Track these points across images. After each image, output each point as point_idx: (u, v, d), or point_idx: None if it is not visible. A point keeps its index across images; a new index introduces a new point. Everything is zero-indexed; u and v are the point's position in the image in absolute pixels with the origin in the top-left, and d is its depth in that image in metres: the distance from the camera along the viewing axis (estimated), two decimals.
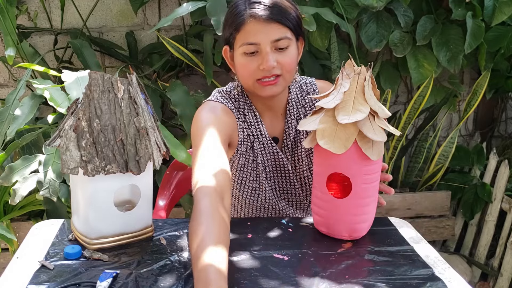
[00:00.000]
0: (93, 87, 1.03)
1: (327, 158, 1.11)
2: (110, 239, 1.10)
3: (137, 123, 1.06)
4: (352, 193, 1.12)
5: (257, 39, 1.20)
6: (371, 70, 1.11)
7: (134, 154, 1.06)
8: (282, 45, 1.21)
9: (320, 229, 1.19)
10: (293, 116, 1.35)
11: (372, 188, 1.14)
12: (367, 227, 1.19)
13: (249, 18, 1.19)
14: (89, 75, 1.03)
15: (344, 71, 1.11)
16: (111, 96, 1.05)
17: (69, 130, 1.03)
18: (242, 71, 1.25)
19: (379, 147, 1.10)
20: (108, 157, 1.04)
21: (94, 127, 1.03)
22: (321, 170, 1.15)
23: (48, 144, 1.07)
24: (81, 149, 1.02)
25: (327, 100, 1.12)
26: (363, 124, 1.07)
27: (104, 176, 1.04)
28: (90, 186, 1.05)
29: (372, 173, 1.12)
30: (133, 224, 1.12)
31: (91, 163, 1.02)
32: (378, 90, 1.13)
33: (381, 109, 1.10)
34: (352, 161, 1.09)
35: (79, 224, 1.11)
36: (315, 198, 1.19)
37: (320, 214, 1.18)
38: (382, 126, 1.09)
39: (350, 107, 1.08)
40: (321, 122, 1.10)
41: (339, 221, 1.15)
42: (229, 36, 1.25)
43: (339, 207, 1.14)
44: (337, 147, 1.07)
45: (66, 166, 1.02)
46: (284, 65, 1.22)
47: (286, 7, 1.22)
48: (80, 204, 1.09)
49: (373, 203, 1.17)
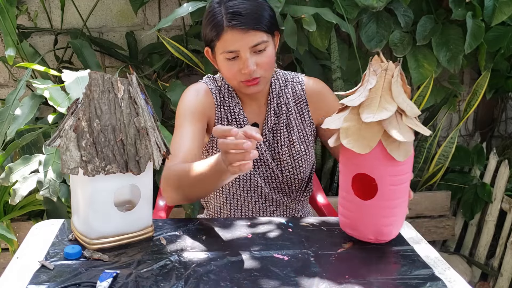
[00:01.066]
0: (93, 87, 1.03)
1: (352, 158, 1.08)
2: (110, 239, 1.10)
3: (137, 123, 1.06)
4: (378, 194, 1.07)
5: (236, 47, 1.28)
6: (399, 66, 1.05)
7: (134, 154, 1.06)
8: (260, 48, 1.29)
9: (346, 230, 1.16)
10: (274, 103, 1.43)
11: (401, 190, 1.09)
12: (396, 230, 1.14)
13: (227, 28, 1.27)
14: (89, 75, 1.03)
15: (371, 67, 1.07)
16: (111, 96, 1.05)
17: (69, 130, 1.03)
18: (226, 73, 1.34)
19: (406, 147, 1.05)
20: (108, 157, 1.04)
21: (94, 127, 1.03)
22: (346, 170, 1.11)
23: (48, 144, 1.07)
24: (81, 149, 1.02)
25: (352, 97, 1.08)
26: (388, 123, 1.03)
27: (104, 176, 1.04)
28: (90, 186, 1.05)
29: (399, 174, 1.07)
30: (133, 224, 1.12)
31: (91, 163, 1.02)
32: (409, 87, 1.08)
33: (410, 107, 1.05)
34: (377, 161, 1.05)
35: (79, 224, 1.11)
36: (341, 198, 1.15)
37: (346, 215, 1.14)
38: (410, 125, 1.04)
39: (376, 105, 1.04)
40: (346, 121, 1.06)
41: (365, 223, 1.11)
42: (210, 42, 1.33)
43: (365, 208, 1.09)
44: (361, 146, 1.03)
45: (66, 166, 1.02)
46: (263, 65, 1.31)
47: (260, 11, 1.29)
48: (80, 204, 1.09)
49: (402, 205, 1.11)
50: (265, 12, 1.30)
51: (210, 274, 1.01)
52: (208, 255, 1.09)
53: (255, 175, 1.43)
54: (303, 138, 1.45)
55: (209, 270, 1.03)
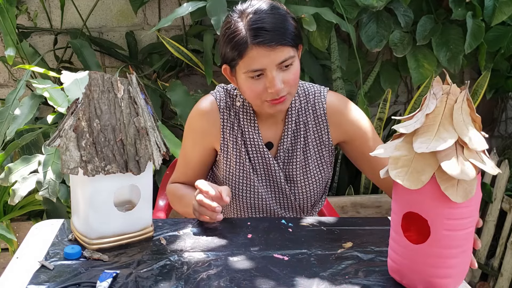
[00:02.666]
0: (93, 87, 1.03)
1: (403, 193, 0.94)
2: (110, 239, 1.10)
3: (137, 123, 1.06)
4: (431, 239, 0.92)
5: (262, 65, 1.19)
6: (466, 90, 0.90)
7: (134, 154, 1.06)
8: (287, 64, 1.21)
9: (393, 276, 1.02)
10: (292, 123, 1.34)
11: (459, 237, 0.92)
12: (453, 284, 0.97)
13: (252, 46, 1.18)
14: (89, 75, 1.03)
15: (431, 90, 0.92)
16: (111, 96, 1.05)
17: (69, 130, 1.02)
18: (249, 93, 1.24)
19: (466, 186, 0.88)
20: (108, 157, 1.04)
21: (94, 127, 1.03)
22: (397, 208, 0.97)
23: (48, 144, 1.07)
24: (81, 149, 1.02)
25: (408, 123, 0.94)
26: (445, 155, 0.87)
27: (104, 176, 1.04)
28: (90, 186, 1.05)
29: (458, 218, 0.90)
30: (133, 224, 1.12)
31: (91, 163, 1.02)
32: (479, 116, 0.91)
33: (474, 139, 0.88)
34: (430, 200, 0.90)
35: (79, 224, 1.11)
36: (390, 239, 1.01)
37: (394, 259, 1.00)
38: (473, 161, 0.88)
39: (433, 133, 0.89)
40: (397, 149, 0.93)
41: (414, 270, 0.96)
42: (231, 61, 1.23)
43: (415, 254, 0.95)
44: (411, 181, 0.89)
45: (66, 166, 1.02)
46: (290, 82, 1.22)
47: (286, 26, 1.20)
48: (80, 204, 1.09)
49: (462, 255, 0.94)
50: (290, 25, 1.21)
51: (210, 274, 1.01)
52: (208, 255, 1.09)
53: (267, 196, 1.37)
54: (319, 160, 1.37)
55: (209, 270, 1.03)
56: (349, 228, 1.23)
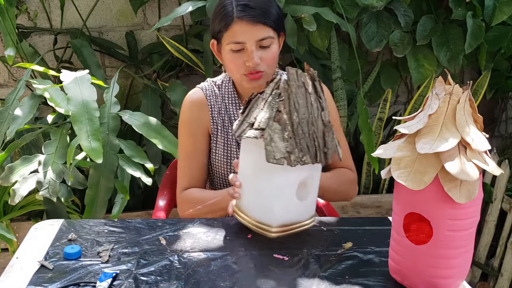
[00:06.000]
0: (291, 82, 1.09)
1: (405, 194, 0.94)
2: (288, 227, 1.14)
3: (323, 117, 1.12)
4: (433, 240, 0.92)
5: (243, 39, 1.31)
6: (468, 90, 0.90)
7: (322, 146, 1.12)
8: (266, 44, 1.33)
9: (395, 277, 1.02)
10: None
11: (462, 238, 0.93)
12: (454, 284, 0.97)
13: (236, 20, 1.31)
14: (287, 70, 1.09)
15: (433, 90, 0.92)
16: (303, 91, 1.10)
17: (273, 122, 1.07)
18: (230, 65, 1.37)
19: (468, 187, 0.88)
20: (304, 148, 1.09)
21: (294, 119, 1.08)
22: (398, 208, 0.97)
23: (238, 135, 1.11)
24: (284, 140, 1.07)
25: (410, 123, 0.94)
26: (448, 156, 0.87)
27: (290, 167, 1.07)
28: (284, 176, 1.09)
29: (460, 218, 0.91)
30: (305, 213, 1.17)
31: (293, 154, 1.07)
32: (481, 117, 0.92)
33: (477, 140, 0.89)
34: (432, 201, 0.90)
35: (259, 212, 1.14)
36: (391, 239, 1.01)
37: (394, 259, 1.00)
38: (476, 161, 0.88)
39: (435, 134, 0.89)
40: (399, 150, 0.93)
41: (416, 271, 0.96)
42: (217, 33, 1.36)
43: (417, 255, 0.95)
44: (414, 181, 0.89)
45: (272, 157, 1.06)
46: (267, 60, 1.34)
47: (269, 8, 1.33)
48: (264, 193, 1.12)
49: (464, 256, 0.95)
50: (274, 10, 1.34)
51: (210, 274, 1.01)
52: (208, 255, 1.09)
53: None
54: None
55: (209, 270, 1.03)
56: (349, 228, 1.24)
